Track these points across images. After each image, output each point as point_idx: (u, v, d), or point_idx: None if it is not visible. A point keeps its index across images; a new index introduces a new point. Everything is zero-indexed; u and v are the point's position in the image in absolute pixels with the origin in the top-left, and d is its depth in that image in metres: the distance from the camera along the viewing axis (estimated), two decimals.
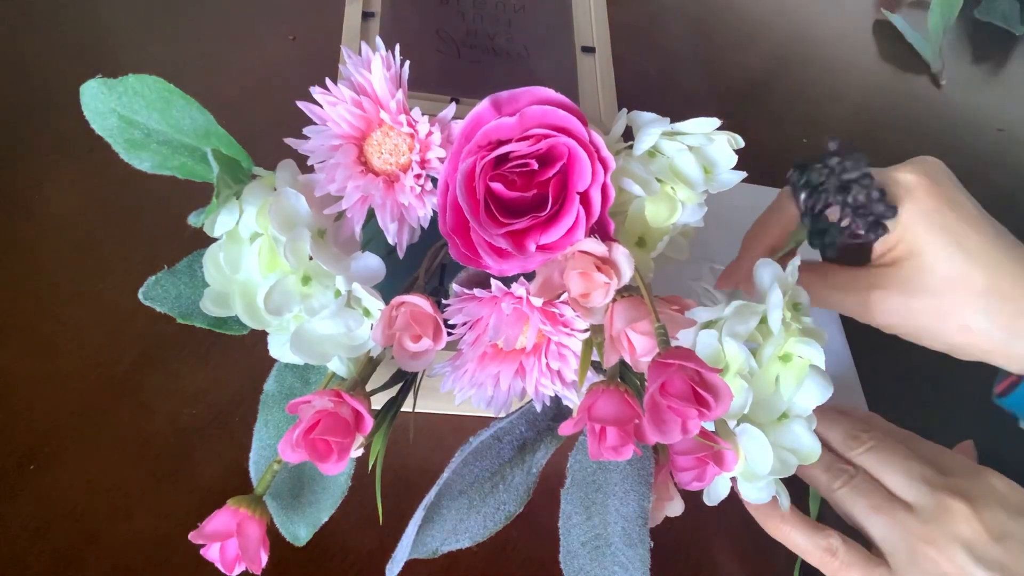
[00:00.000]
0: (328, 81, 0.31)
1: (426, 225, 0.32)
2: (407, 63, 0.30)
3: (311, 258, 0.28)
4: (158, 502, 0.44)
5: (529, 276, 0.30)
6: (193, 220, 0.29)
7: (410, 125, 0.30)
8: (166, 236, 0.52)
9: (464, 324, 0.31)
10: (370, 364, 0.32)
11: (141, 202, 0.55)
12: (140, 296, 0.32)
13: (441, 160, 0.30)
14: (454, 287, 0.32)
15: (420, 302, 0.29)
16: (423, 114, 0.30)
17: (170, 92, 0.30)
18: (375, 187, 0.30)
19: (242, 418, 0.47)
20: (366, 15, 0.49)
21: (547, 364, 0.31)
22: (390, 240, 0.31)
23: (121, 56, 0.64)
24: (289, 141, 0.31)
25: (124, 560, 0.42)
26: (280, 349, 0.31)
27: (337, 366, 0.32)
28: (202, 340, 0.50)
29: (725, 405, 0.25)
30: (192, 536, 0.30)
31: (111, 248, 0.52)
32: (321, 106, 0.31)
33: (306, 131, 0.31)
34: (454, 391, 0.33)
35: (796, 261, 0.32)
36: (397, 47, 0.31)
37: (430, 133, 0.30)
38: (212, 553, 0.30)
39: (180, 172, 0.31)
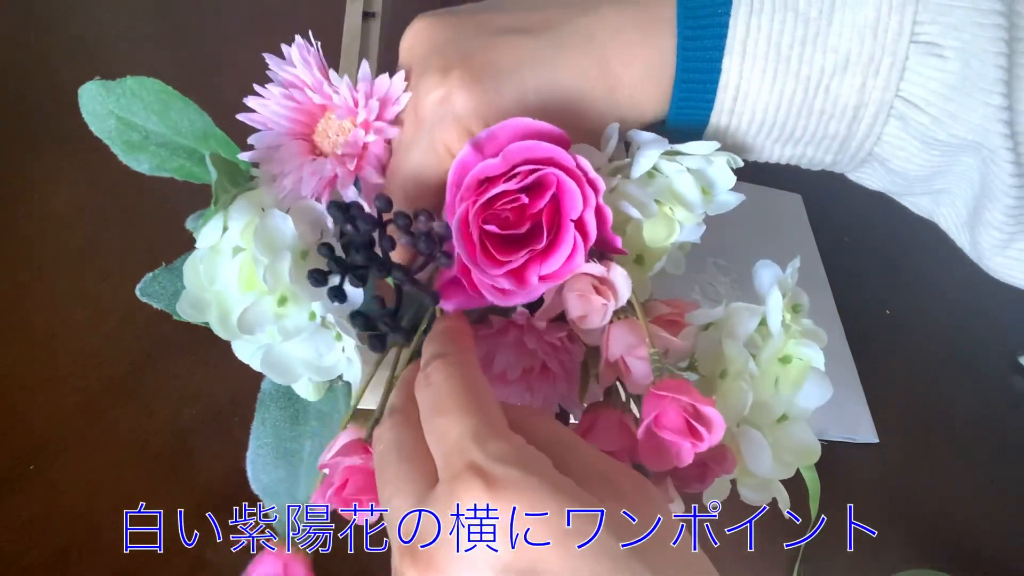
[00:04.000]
0: (256, 86, 0.30)
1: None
2: (318, 43, 0.30)
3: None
4: (158, 502, 0.44)
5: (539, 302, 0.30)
6: (191, 225, 0.29)
7: (352, 99, 0.30)
8: (166, 236, 0.52)
9: None
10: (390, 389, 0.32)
11: (141, 202, 0.55)
12: (137, 292, 0.32)
13: (387, 122, 0.30)
14: None
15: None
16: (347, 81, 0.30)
17: (168, 94, 0.30)
18: (331, 165, 0.30)
19: (242, 418, 0.47)
20: (367, 15, 0.49)
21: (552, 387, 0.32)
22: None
23: (120, 57, 0.64)
24: (243, 156, 0.30)
25: (124, 560, 0.42)
26: (246, 355, 0.31)
27: (305, 388, 0.32)
28: (202, 340, 0.50)
29: (718, 436, 0.26)
30: None
31: (111, 248, 0.52)
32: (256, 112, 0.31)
33: (251, 140, 0.31)
34: None
35: (796, 262, 0.32)
36: (310, 33, 0.30)
37: (368, 96, 0.30)
38: None
39: (178, 174, 0.31)
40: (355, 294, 0.29)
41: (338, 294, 0.27)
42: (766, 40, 0.29)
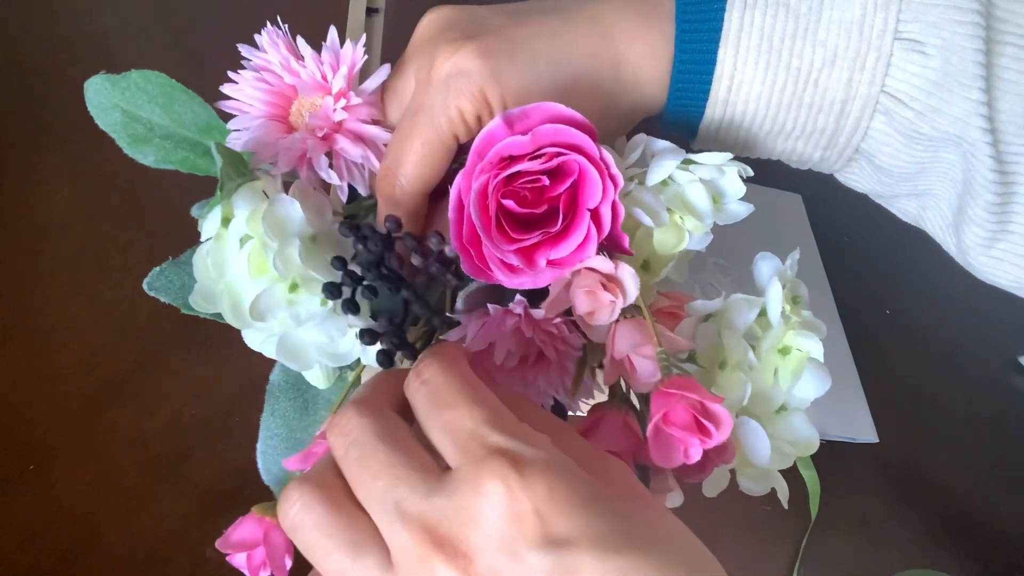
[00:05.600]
0: (230, 72, 0.31)
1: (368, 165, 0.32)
2: (286, 25, 0.31)
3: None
4: (158, 502, 0.44)
5: (543, 292, 0.30)
6: (196, 212, 0.29)
7: (319, 72, 0.31)
8: (166, 236, 0.52)
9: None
10: None
11: (141, 202, 0.55)
12: (145, 286, 0.32)
13: (351, 105, 0.31)
14: (458, 306, 0.32)
15: None
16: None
17: (172, 87, 0.31)
18: (303, 139, 0.30)
19: (242, 418, 0.47)
20: (370, 11, 0.50)
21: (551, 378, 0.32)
22: (334, 181, 0.31)
23: (121, 55, 0.64)
24: (229, 140, 0.31)
25: (124, 560, 0.41)
26: (256, 343, 0.31)
27: (317, 377, 0.32)
28: (202, 339, 0.50)
29: (726, 432, 0.26)
30: (218, 544, 0.30)
31: (111, 248, 0.52)
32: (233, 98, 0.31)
33: (230, 124, 0.31)
34: None
35: (795, 254, 0.33)
36: (278, 18, 0.32)
37: (335, 67, 0.31)
38: (238, 560, 0.30)
39: (182, 166, 0.31)
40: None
41: (351, 306, 0.27)
42: (759, 33, 0.30)
